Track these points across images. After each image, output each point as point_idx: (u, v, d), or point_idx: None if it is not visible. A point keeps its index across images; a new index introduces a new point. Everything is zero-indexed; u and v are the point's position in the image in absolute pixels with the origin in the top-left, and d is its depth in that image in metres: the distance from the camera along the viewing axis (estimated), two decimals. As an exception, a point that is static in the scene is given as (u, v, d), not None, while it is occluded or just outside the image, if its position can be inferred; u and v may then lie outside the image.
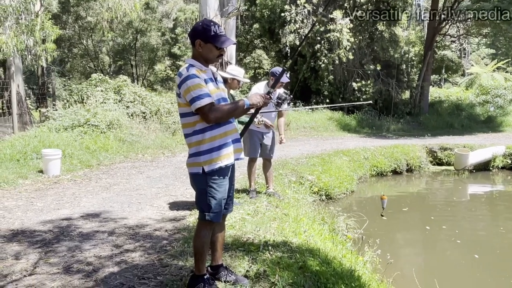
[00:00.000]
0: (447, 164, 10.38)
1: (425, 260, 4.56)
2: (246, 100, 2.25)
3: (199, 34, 2.16)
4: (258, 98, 2.28)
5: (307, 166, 7.56)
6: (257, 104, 2.29)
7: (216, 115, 2.12)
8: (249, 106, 2.25)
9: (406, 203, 7.12)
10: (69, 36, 27.20)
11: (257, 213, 3.92)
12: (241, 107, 2.22)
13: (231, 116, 2.25)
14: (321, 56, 16.13)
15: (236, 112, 2.24)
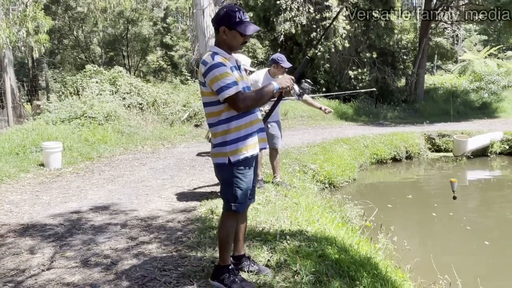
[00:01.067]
0: (445, 150, 10.46)
1: (438, 246, 4.57)
2: (275, 84, 2.16)
3: (223, 20, 2.09)
4: (288, 81, 2.20)
5: (309, 155, 7.57)
6: (287, 88, 2.20)
7: (246, 103, 2.07)
8: (279, 90, 2.19)
9: (409, 190, 7.18)
10: (59, 27, 26.72)
11: (268, 202, 3.91)
12: (269, 92, 2.14)
13: (261, 103, 2.21)
14: (317, 44, 16.02)
15: (266, 98, 2.17)
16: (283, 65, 4.54)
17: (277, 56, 4.62)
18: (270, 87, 2.16)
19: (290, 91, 2.27)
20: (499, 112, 15.80)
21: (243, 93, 2.09)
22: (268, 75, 4.66)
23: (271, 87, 2.16)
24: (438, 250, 4.25)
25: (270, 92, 2.15)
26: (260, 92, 2.14)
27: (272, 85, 2.16)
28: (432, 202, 6.20)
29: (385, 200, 6.17)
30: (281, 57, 4.59)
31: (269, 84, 2.17)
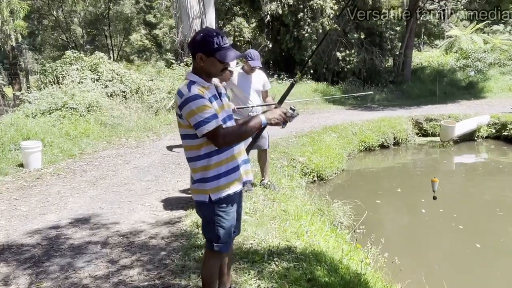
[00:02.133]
0: (432, 135, 10.47)
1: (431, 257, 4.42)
2: (263, 118, 1.93)
3: (200, 46, 1.90)
4: (279, 117, 1.95)
5: (298, 146, 7.46)
6: (276, 125, 1.99)
7: (227, 140, 1.90)
8: (267, 125, 1.98)
9: (397, 180, 7.16)
10: (38, 7, 25.62)
11: (255, 211, 3.80)
12: (255, 127, 1.92)
13: (244, 138, 2.02)
14: (304, 25, 15.70)
15: (250, 133, 1.96)
16: (251, 63, 4.24)
17: (249, 52, 4.29)
18: (256, 121, 1.93)
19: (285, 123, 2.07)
20: (485, 92, 15.85)
21: (224, 128, 1.92)
22: (243, 72, 4.41)
23: (257, 122, 1.93)
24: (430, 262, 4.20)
25: (255, 127, 1.94)
26: (244, 127, 1.93)
27: (259, 119, 1.94)
28: (421, 195, 6.18)
29: (374, 194, 6.13)
30: (252, 54, 4.25)
31: (255, 118, 1.95)
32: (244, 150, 2.15)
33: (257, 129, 1.99)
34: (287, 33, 16.33)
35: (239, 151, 2.07)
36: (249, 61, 4.23)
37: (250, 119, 1.97)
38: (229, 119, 2.05)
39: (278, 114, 1.99)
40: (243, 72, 4.40)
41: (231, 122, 2.05)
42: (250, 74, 4.40)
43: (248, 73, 4.40)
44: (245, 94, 4.37)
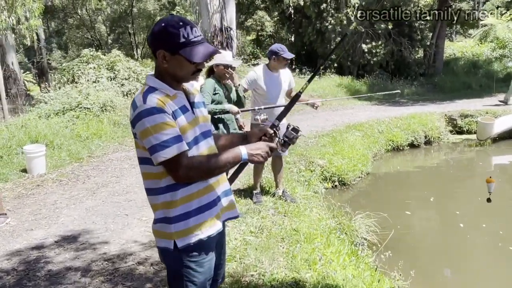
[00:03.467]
0: (467, 132, 9.60)
1: None
2: (244, 152, 1.48)
3: (160, 40, 1.42)
4: (264, 153, 1.51)
5: (317, 147, 6.89)
6: (259, 162, 1.53)
7: (190, 174, 1.42)
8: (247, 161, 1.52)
9: (428, 187, 6.46)
10: (63, 5, 26.00)
11: (262, 229, 3.30)
12: (232, 162, 1.48)
13: (215, 175, 1.52)
14: (327, 16, 14.95)
15: (224, 169, 1.48)
16: (285, 55, 3.82)
17: (277, 46, 3.89)
18: (235, 154, 1.48)
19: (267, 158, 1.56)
20: (526, 84, 14.59)
21: (190, 158, 1.43)
22: (268, 71, 3.94)
23: (236, 155, 1.48)
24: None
25: (232, 161, 1.48)
26: (216, 160, 1.44)
27: (238, 152, 1.48)
28: (457, 205, 5.46)
29: (402, 204, 5.47)
30: (281, 47, 3.86)
31: (234, 150, 1.49)
32: (225, 177, 1.66)
33: (234, 164, 1.51)
34: (310, 26, 15.62)
35: (217, 179, 1.58)
36: (282, 54, 3.79)
37: (228, 151, 1.49)
38: (203, 137, 1.54)
39: (264, 150, 1.52)
40: (267, 69, 3.90)
41: (206, 142, 1.55)
42: (277, 72, 3.94)
43: (275, 71, 3.92)
44: (273, 96, 3.89)
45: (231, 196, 1.67)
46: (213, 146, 1.60)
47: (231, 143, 1.65)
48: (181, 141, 1.40)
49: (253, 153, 1.49)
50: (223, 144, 1.69)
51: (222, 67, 3.45)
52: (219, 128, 3.49)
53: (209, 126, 1.62)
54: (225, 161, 1.45)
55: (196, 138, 1.50)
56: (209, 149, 1.55)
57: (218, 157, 1.45)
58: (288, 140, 1.68)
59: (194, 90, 1.65)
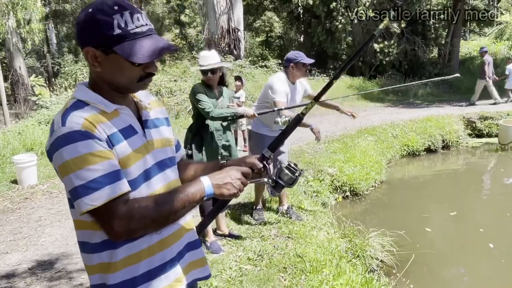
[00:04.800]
0: (488, 135, 9.03)
1: None
2: (207, 185, 1.06)
3: (87, 34, 1.01)
4: (233, 180, 1.08)
5: (327, 154, 6.43)
6: (231, 195, 1.08)
7: (132, 227, 0.98)
8: (212, 196, 1.07)
9: (448, 198, 5.94)
10: (73, 9, 26.04)
11: (261, 256, 2.87)
12: (191, 200, 1.03)
13: (171, 221, 1.05)
14: (337, 15, 14.47)
15: (182, 212, 1.03)
16: (305, 61, 3.38)
17: (293, 53, 3.44)
18: (195, 190, 1.04)
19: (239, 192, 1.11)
20: (547, 83, 13.87)
21: (130, 203, 0.99)
22: (289, 83, 3.47)
23: (197, 190, 1.04)
24: None
25: (192, 199, 1.03)
26: (171, 200, 1.01)
27: (200, 186, 1.05)
28: (482, 218, 4.94)
29: (421, 219, 4.96)
30: (298, 54, 3.43)
31: (194, 183, 1.05)
32: (190, 222, 1.23)
33: (196, 203, 1.05)
34: (319, 25, 15.17)
35: (178, 228, 1.15)
36: (300, 60, 3.34)
37: (184, 185, 1.06)
38: (158, 169, 1.12)
39: (235, 177, 1.08)
40: (289, 82, 3.47)
41: (162, 177, 1.13)
42: (295, 82, 3.51)
43: (293, 81, 3.49)
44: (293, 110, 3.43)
45: (200, 250, 1.24)
46: (173, 181, 1.17)
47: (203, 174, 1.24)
48: (118, 179, 0.98)
49: (220, 184, 1.06)
50: (192, 175, 1.27)
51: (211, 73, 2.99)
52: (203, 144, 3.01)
53: (170, 152, 1.19)
54: (182, 201, 1.01)
55: (146, 171, 1.08)
56: (167, 186, 1.13)
57: (172, 196, 1.02)
58: (283, 183, 1.24)
59: (155, 103, 1.22)
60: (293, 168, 1.22)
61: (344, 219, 4.00)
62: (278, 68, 14.52)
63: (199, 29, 29.92)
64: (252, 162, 1.20)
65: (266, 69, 14.27)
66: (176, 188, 1.06)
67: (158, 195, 1.04)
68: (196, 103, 2.91)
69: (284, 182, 1.22)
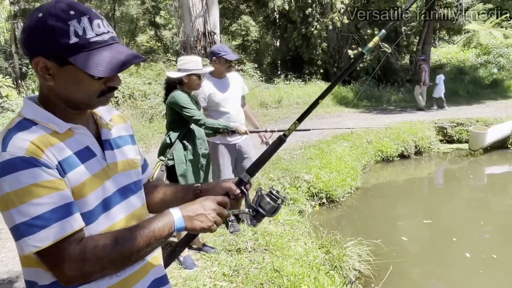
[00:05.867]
0: (458, 141, 9.27)
1: None
2: (177, 216, 0.93)
3: (37, 42, 0.87)
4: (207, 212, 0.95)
5: (303, 160, 6.40)
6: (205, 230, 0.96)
7: (87, 269, 0.84)
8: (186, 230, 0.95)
9: (422, 205, 6.02)
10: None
11: (237, 271, 2.77)
12: (159, 235, 0.90)
13: (134, 261, 0.91)
14: (313, 21, 14.59)
15: (149, 249, 0.91)
16: (228, 57, 3.22)
17: (218, 47, 3.29)
18: (163, 223, 0.91)
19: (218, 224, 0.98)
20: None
21: (86, 240, 0.86)
22: (213, 78, 3.31)
23: (165, 224, 0.91)
24: None
25: (159, 235, 0.90)
26: (133, 237, 0.87)
27: (169, 221, 0.92)
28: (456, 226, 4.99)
29: (396, 226, 5.00)
30: (222, 48, 3.27)
31: (162, 216, 0.93)
32: (157, 258, 1.09)
33: (164, 239, 0.91)
34: (295, 30, 15.24)
35: (142, 266, 1.02)
36: (223, 55, 3.19)
37: (151, 219, 0.93)
38: (121, 197, 0.99)
39: (209, 208, 0.95)
40: (212, 77, 3.33)
41: (125, 206, 1.00)
42: (223, 77, 3.34)
43: (221, 76, 3.33)
44: (228, 106, 3.30)
45: (168, 286, 1.11)
46: (138, 209, 1.04)
47: (174, 200, 1.12)
48: (69, 214, 0.84)
49: (192, 216, 0.93)
50: (161, 199, 1.15)
51: (195, 77, 2.88)
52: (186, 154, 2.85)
53: (135, 175, 1.05)
54: (147, 238, 0.88)
55: (106, 200, 0.94)
56: (131, 216, 1.00)
57: (135, 232, 0.88)
58: (264, 212, 1.10)
59: (118, 118, 1.10)
60: (275, 195, 1.11)
61: (321, 228, 3.95)
62: (254, 72, 14.49)
63: (174, 31, 29.57)
64: (228, 187, 1.09)
65: (242, 73, 14.20)
66: (140, 222, 0.92)
67: (118, 232, 0.90)
68: (180, 110, 2.76)
69: (265, 211, 1.10)
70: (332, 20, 14.36)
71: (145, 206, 1.08)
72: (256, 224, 1.12)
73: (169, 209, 0.94)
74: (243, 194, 1.09)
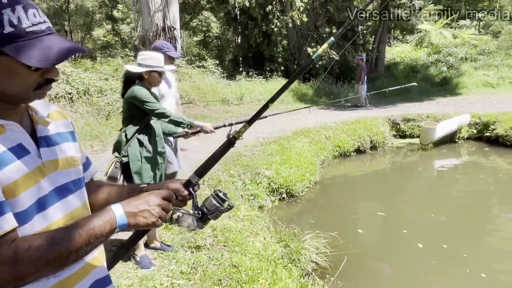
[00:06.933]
0: (410, 136, 9.75)
1: None
2: (120, 213, 0.90)
3: None
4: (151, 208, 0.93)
5: (264, 156, 6.47)
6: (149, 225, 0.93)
7: (21, 271, 0.80)
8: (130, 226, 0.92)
9: (376, 199, 6.29)
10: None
11: (196, 269, 2.76)
12: (100, 232, 0.87)
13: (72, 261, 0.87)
14: (273, 18, 14.72)
15: (89, 248, 0.87)
16: (171, 54, 3.23)
17: (161, 43, 3.25)
18: (104, 220, 0.88)
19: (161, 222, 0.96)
20: (460, 88, 15.41)
21: (18, 241, 0.82)
22: None
23: (107, 221, 0.88)
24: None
25: (100, 233, 0.87)
26: (71, 235, 0.84)
27: (110, 215, 0.89)
28: (408, 221, 5.24)
29: (352, 219, 5.20)
30: (166, 44, 3.24)
31: (103, 212, 0.90)
32: (99, 258, 1.06)
33: (105, 237, 0.88)
34: (256, 27, 15.31)
35: (81, 267, 0.98)
36: (166, 52, 3.15)
37: (91, 216, 0.90)
38: (57, 196, 0.94)
39: (154, 204, 0.93)
40: None
41: (62, 205, 0.95)
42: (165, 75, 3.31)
43: None
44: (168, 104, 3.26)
45: None
46: (78, 209, 1.00)
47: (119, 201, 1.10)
48: (1, 214, 0.81)
49: (135, 212, 0.91)
50: (105, 199, 1.11)
51: (157, 74, 2.82)
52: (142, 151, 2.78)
53: (74, 174, 1.01)
54: (86, 236, 0.85)
55: (41, 200, 0.90)
56: (69, 216, 0.96)
57: (73, 230, 0.85)
58: (209, 214, 1.09)
59: (57, 114, 1.05)
60: (221, 198, 1.09)
61: (280, 223, 4.03)
62: (215, 68, 14.41)
63: (133, 25, 28.71)
64: (176, 187, 1.06)
65: (204, 69, 14.08)
66: (79, 220, 0.88)
67: (55, 231, 0.86)
68: (142, 104, 2.70)
69: (211, 214, 1.08)
70: (292, 18, 14.55)
71: (86, 206, 1.04)
72: (202, 226, 1.11)
73: (111, 205, 0.92)
74: (190, 196, 1.07)
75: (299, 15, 14.43)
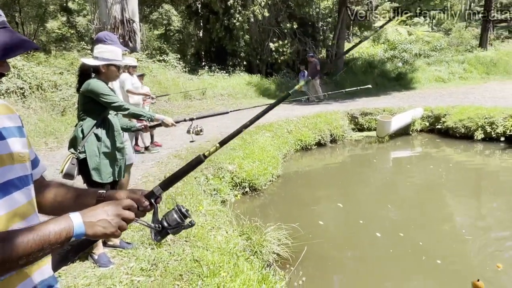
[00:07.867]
0: (368, 129, 10.12)
1: None
2: (78, 221, 0.88)
3: None
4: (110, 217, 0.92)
5: (227, 151, 6.48)
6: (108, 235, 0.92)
7: None
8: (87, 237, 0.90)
9: (336, 190, 6.49)
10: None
11: (156, 265, 2.75)
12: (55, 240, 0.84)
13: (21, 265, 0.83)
14: (235, 13, 14.67)
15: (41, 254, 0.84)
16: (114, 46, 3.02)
17: (104, 34, 3.03)
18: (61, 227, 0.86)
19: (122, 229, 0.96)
20: (414, 83, 16.12)
21: None
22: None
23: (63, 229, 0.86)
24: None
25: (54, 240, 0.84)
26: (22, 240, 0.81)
27: (67, 226, 0.87)
28: (367, 212, 5.45)
29: (313, 210, 5.35)
30: (109, 36, 3.03)
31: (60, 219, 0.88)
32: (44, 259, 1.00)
33: (60, 245, 0.86)
34: (217, 22, 15.19)
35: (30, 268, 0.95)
36: (109, 44, 2.98)
37: (47, 221, 0.87)
38: (2, 193, 0.90)
39: (113, 214, 0.93)
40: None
41: (8, 202, 0.91)
42: None
43: None
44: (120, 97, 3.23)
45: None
46: (23, 206, 0.96)
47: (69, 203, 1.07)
48: None
49: (94, 222, 0.89)
50: (52, 199, 1.08)
51: (115, 68, 2.75)
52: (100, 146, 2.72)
53: (21, 170, 0.97)
54: (40, 242, 0.82)
55: None
56: (13, 213, 0.92)
57: (26, 234, 0.82)
58: (169, 229, 1.06)
59: (3, 108, 1.01)
60: (183, 214, 1.07)
61: (243, 216, 4.07)
62: (177, 63, 14.17)
63: (89, 17, 27.56)
64: (137, 198, 1.03)
65: (165, 63, 13.81)
66: (35, 225, 0.85)
67: (6, 232, 0.82)
68: (98, 97, 2.62)
69: (171, 228, 1.05)
70: (253, 13, 14.57)
71: (32, 204, 1.01)
72: (160, 239, 1.09)
73: (69, 213, 0.90)
74: (152, 207, 1.06)
75: (260, 10, 14.47)
